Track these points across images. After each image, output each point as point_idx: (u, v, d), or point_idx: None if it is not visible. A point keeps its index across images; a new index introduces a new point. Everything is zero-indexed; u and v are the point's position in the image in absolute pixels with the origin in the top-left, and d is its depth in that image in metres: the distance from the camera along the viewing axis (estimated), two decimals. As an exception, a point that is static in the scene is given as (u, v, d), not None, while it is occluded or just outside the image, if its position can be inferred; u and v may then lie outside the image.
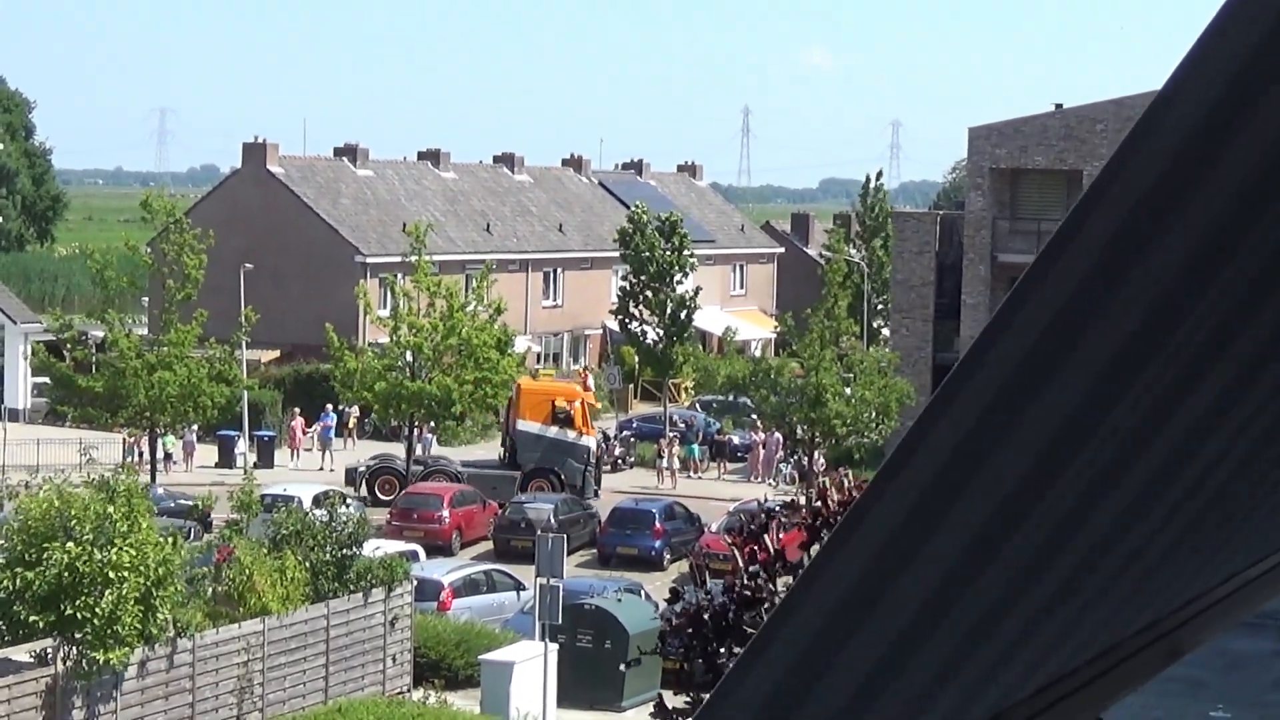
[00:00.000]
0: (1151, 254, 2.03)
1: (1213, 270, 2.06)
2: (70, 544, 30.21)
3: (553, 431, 61.29)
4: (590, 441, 62.08)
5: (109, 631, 30.24)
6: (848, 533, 2.19)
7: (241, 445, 67.62)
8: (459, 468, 62.05)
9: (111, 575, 30.10)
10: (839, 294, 62.97)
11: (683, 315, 73.48)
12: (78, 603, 29.97)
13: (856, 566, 2.21)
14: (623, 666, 35.42)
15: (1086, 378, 2.12)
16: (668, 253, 74.18)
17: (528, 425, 61.64)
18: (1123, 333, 2.10)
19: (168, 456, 64.42)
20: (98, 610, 30.00)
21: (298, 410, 71.27)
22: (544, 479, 60.41)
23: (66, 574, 30.09)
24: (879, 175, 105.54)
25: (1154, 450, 2.38)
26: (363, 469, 62.28)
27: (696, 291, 74.63)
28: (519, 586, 44.78)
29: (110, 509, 30.88)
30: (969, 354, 2.07)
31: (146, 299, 71.12)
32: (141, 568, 30.59)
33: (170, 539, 32.15)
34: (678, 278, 74.49)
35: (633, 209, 79.26)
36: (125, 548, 30.41)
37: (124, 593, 30.15)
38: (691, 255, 76.75)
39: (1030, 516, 2.29)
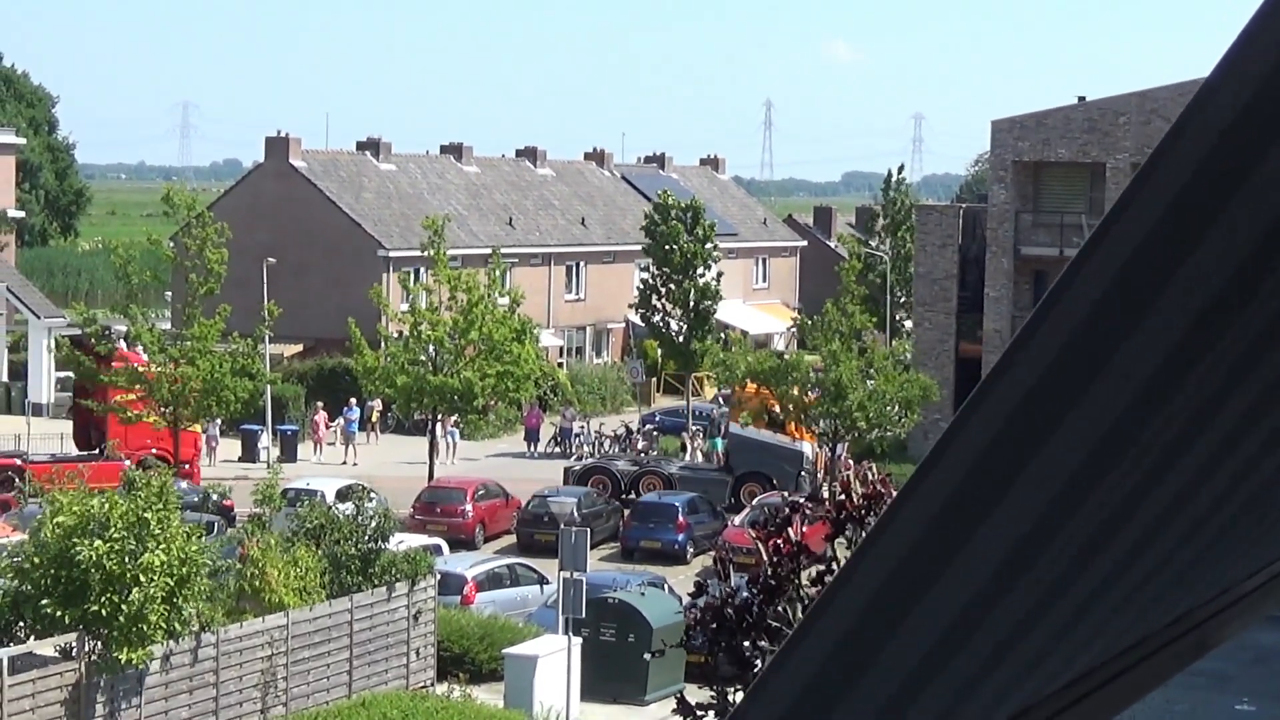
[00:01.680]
0: (1192, 256, 2.02)
1: (1258, 271, 2.06)
2: (99, 542, 30.24)
3: (766, 436, 60.66)
4: (805, 447, 61.09)
5: (134, 630, 30.29)
6: (883, 529, 2.19)
7: (265, 439, 67.77)
8: (674, 470, 61.50)
9: (142, 577, 30.13)
10: (855, 289, 62.88)
11: (704, 306, 73.49)
12: (104, 599, 30.02)
13: (891, 564, 2.21)
14: (647, 656, 35.42)
15: (1127, 377, 2.12)
16: (691, 243, 74.16)
17: (741, 429, 61.17)
18: (1165, 333, 2.10)
19: (191, 451, 64.51)
20: (124, 608, 30.05)
21: (321, 404, 71.36)
22: (757, 483, 59.75)
23: (95, 571, 30.12)
24: (900, 169, 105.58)
25: (1196, 445, 2.38)
26: (578, 468, 62.21)
27: (719, 277, 74.59)
28: (542, 580, 44.82)
29: (147, 514, 30.87)
30: (1008, 350, 2.07)
31: (170, 293, 71.24)
32: (170, 566, 30.63)
33: (195, 536, 32.17)
34: (700, 269, 74.48)
35: (657, 196, 79.30)
36: (158, 550, 30.44)
37: (151, 593, 30.21)
38: (715, 246, 76.72)
39: (1071, 513, 2.29)
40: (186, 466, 58.49)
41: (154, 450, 58.20)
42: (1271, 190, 1.95)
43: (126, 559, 30.14)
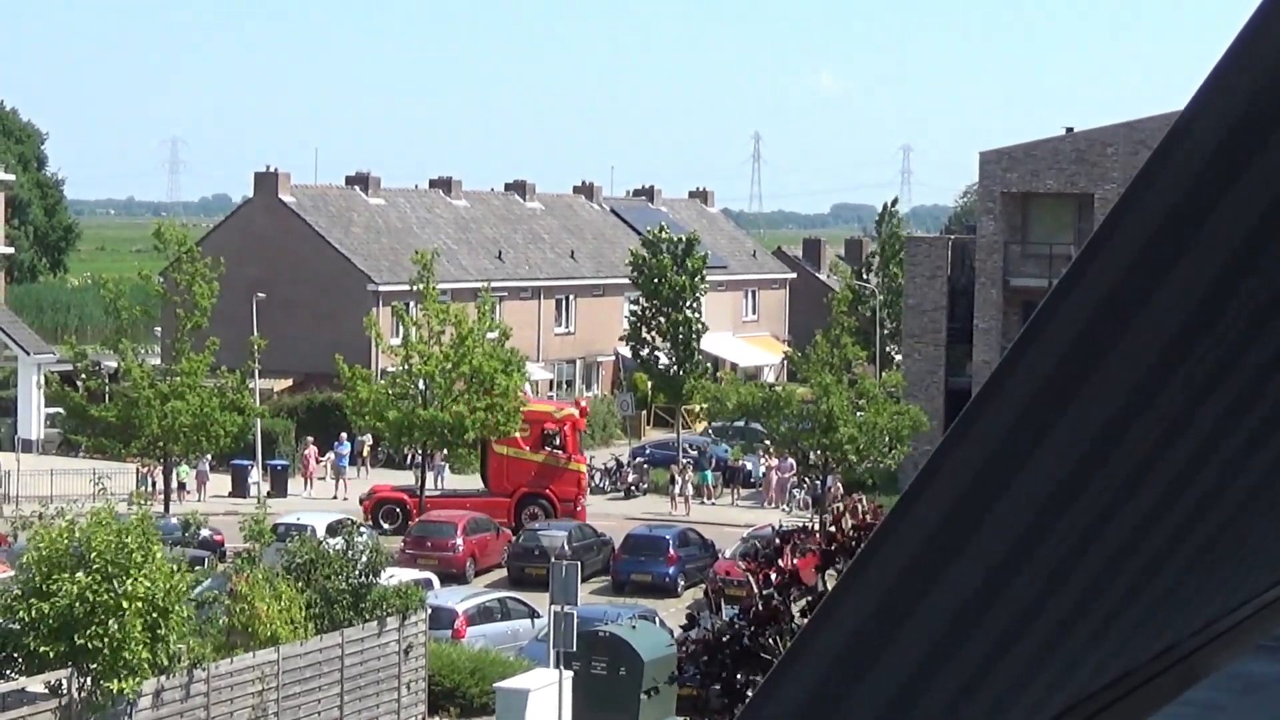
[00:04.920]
0: (1165, 282, 2.03)
1: (1228, 293, 2.07)
2: (80, 575, 30.23)
3: None
4: None
5: (119, 661, 30.22)
6: (870, 557, 2.19)
7: (255, 474, 67.65)
8: None
9: (125, 605, 30.13)
10: (845, 321, 62.93)
11: (692, 340, 73.48)
12: (89, 632, 29.98)
13: (877, 592, 2.22)
14: (643, 695, 35.32)
15: (1104, 403, 2.13)
16: (680, 276, 74.17)
17: None
18: (1138, 358, 2.11)
19: (181, 486, 64.42)
20: (107, 640, 30.01)
21: (311, 439, 71.29)
22: None
23: (78, 605, 30.09)
24: (894, 202, 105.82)
25: (1171, 473, 2.38)
26: None
27: (698, 307, 74.56)
28: (533, 614, 44.73)
29: (128, 540, 30.89)
30: (989, 381, 2.08)
31: (159, 329, 71.22)
32: (151, 596, 30.60)
33: (177, 568, 32.13)
34: (689, 302, 74.47)
35: (647, 231, 79.29)
36: (140, 578, 30.43)
37: (124, 621, 30.14)
38: (703, 279, 76.74)
39: (1049, 541, 2.29)
40: (572, 505, 60.78)
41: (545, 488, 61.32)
42: (1244, 215, 1.97)
43: (109, 587, 30.12)
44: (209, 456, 64.39)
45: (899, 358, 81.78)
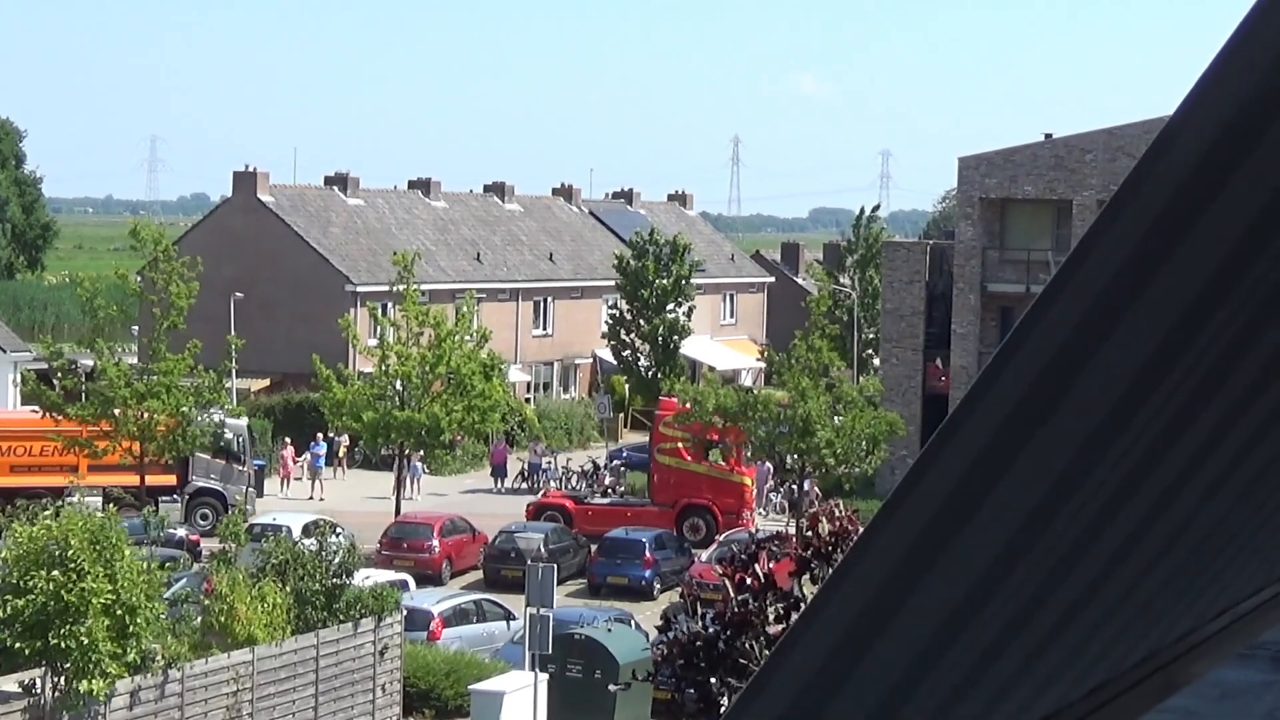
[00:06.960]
0: (1154, 287, 2.02)
1: (1215, 302, 2.06)
2: (55, 572, 30.18)
3: None
4: None
5: (90, 660, 30.17)
6: (851, 566, 2.18)
7: (231, 474, 67.44)
8: None
9: (95, 603, 30.09)
10: (824, 326, 62.93)
11: (673, 342, 73.44)
12: (63, 631, 29.93)
13: (859, 599, 2.21)
14: (613, 687, 35.31)
15: (1087, 412, 2.11)
16: (665, 280, 74.13)
17: None
18: (1124, 367, 2.09)
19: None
20: (76, 640, 29.96)
21: (288, 439, 71.18)
22: None
23: (52, 603, 30.04)
24: (876, 207, 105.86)
25: (1152, 484, 2.37)
26: None
27: (690, 311, 74.43)
28: (509, 616, 44.72)
29: (75, 541, 30.81)
30: (973, 388, 2.07)
31: (136, 328, 71.09)
32: (119, 594, 30.54)
33: (147, 567, 32.07)
34: (670, 306, 74.43)
35: (636, 234, 79.14)
36: (102, 579, 30.38)
37: (87, 619, 30.08)
38: (689, 282, 76.71)
39: (1031, 551, 2.28)
40: (734, 517, 59.93)
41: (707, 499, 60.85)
42: (1231, 224, 1.96)
43: (81, 585, 30.08)
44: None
45: (877, 362, 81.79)
